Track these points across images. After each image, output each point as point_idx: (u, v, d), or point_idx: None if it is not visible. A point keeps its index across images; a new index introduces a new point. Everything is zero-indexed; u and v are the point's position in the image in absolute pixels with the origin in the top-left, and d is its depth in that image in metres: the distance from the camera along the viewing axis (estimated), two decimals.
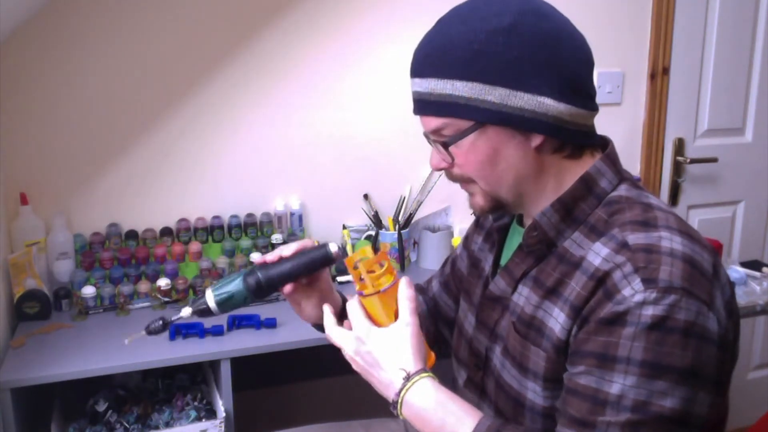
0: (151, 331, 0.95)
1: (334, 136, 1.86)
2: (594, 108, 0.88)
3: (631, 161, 2.23)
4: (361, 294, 0.90)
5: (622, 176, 0.89)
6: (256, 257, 1.67)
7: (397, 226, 1.85)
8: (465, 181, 0.91)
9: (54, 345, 1.38)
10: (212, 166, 1.77)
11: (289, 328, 1.46)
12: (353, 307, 0.90)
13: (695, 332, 0.74)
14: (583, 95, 0.85)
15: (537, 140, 0.84)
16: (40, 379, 1.26)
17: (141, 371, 1.45)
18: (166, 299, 1.58)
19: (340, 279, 1.73)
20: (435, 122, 0.87)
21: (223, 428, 1.34)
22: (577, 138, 0.87)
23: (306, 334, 1.44)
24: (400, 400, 0.84)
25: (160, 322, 0.94)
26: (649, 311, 0.74)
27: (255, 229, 1.76)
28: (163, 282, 1.59)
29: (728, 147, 2.33)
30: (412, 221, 1.89)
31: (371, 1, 1.83)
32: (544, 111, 0.82)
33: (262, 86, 1.78)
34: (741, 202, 2.39)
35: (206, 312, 0.96)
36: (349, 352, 0.89)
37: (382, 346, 0.87)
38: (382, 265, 0.92)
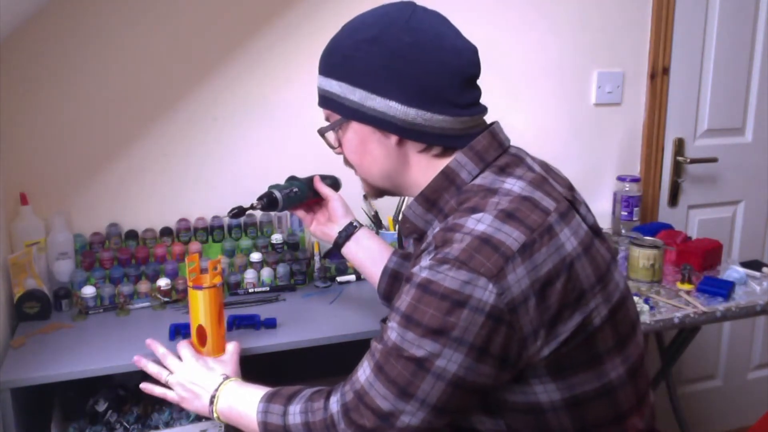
0: (233, 216, 1.23)
1: None
2: (461, 114, 0.94)
3: (631, 161, 2.23)
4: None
5: (486, 165, 0.95)
6: (256, 257, 1.68)
7: (397, 226, 1.85)
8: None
9: (54, 345, 1.38)
10: (212, 165, 1.78)
11: (289, 328, 1.46)
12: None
13: (454, 298, 0.83)
14: (446, 104, 0.93)
15: (394, 139, 0.96)
16: (40, 379, 1.26)
17: (141, 371, 1.45)
18: (167, 299, 1.58)
19: (340, 279, 1.74)
20: (324, 113, 1.04)
21: (223, 428, 1.34)
22: (442, 141, 0.96)
23: (306, 334, 1.44)
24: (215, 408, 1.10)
25: (237, 210, 1.23)
26: (424, 274, 0.86)
27: (255, 229, 1.76)
28: (163, 282, 1.59)
29: (728, 147, 2.33)
30: None
31: (372, 4, 1.83)
32: (393, 114, 0.93)
33: (262, 86, 1.78)
34: (741, 202, 2.39)
35: (274, 204, 1.24)
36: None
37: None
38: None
